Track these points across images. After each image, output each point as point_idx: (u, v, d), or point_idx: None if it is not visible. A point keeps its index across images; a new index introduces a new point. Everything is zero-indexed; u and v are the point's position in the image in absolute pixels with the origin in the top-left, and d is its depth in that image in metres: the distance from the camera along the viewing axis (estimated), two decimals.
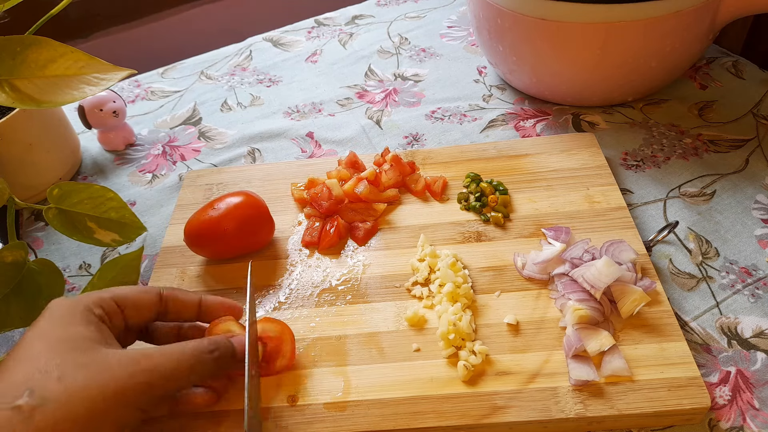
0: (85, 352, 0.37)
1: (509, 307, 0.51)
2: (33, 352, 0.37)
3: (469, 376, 0.46)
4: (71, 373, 0.36)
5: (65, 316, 0.39)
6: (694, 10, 0.60)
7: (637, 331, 0.48)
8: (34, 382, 0.35)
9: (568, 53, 0.65)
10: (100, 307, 0.41)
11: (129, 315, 0.43)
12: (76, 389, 0.35)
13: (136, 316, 0.43)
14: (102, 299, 0.42)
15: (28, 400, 0.34)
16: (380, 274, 0.55)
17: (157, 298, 0.45)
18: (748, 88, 0.73)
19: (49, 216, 0.52)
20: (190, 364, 0.40)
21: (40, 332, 0.38)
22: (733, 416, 0.45)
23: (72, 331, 0.38)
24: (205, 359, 0.41)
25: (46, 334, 0.38)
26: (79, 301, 0.41)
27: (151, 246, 0.64)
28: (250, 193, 0.58)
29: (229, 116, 0.80)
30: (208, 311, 0.47)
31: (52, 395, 0.35)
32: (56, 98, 0.47)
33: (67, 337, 0.38)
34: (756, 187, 0.61)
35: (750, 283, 0.53)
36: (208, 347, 0.42)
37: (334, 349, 0.50)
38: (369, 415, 0.45)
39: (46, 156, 0.68)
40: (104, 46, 1.07)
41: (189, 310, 0.46)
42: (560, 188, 0.60)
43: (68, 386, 0.35)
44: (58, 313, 0.40)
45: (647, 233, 0.58)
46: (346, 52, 0.90)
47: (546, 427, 0.44)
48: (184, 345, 0.41)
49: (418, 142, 0.72)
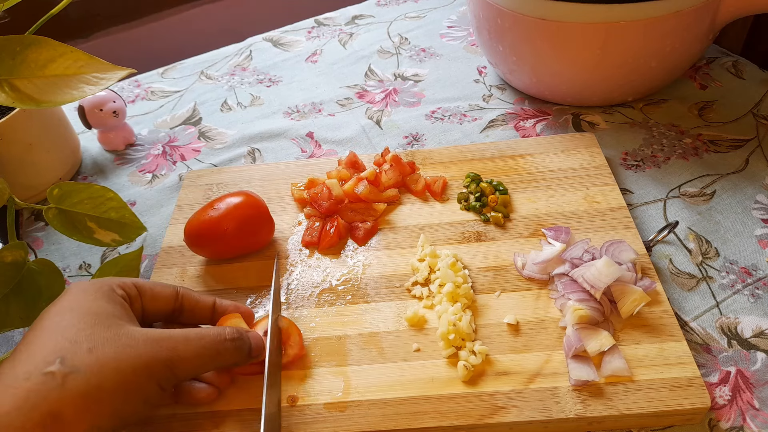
0: (111, 327, 0.38)
1: (509, 307, 0.51)
2: (62, 323, 0.38)
3: (469, 376, 0.46)
4: (101, 346, 0.37)
5: (90, 293, 0.40)
6: (694, 10, 0.60)
7: (637, 331, 0.48)
8: (65, 351, 0.36)
9: (568, 53, 0.65)
10: (122, 288, 0.42)
11: (147, 303, 0.44)
12: (107, 360, 0.36)
13: (153, 307, 0.44)
14: (124, 282, 0.43)
15: (60, 367, 0.35)
16: (380, 274, 0.55)
17: (174, 293, 0.46)
18: (748, 88, 0.73)
19: (49, 216, 0.52)
20: (210, 349, 0.41)
21: (68, 305, 0.39)
22: (733, 416, 0.45)
23: (98, 305, 0.39)
24: (225, 347, 0.42)
25: (73, 307, 0.39)
26: (102, 281, 0.42)
27: (151, 246, 0.64)
28: (250, 193, 0.58)
29: (229, 116, 0.80)
30: (222, 313, 0.48)
31: (83, 364, 0.36)
32: (56, 98, 0.47)
33: (94, 311, 0.39)
34: (756, 187, 0.61)
35: (750, 283, 0.53)
36: (231, 334, 0.43)
37: (334, 349, 0.50)
38: (369, 416, 0.45)
39: (46, 156, 0.68)
40: (104, 46, 1.07)
41: (203, 311, 0.47)
42: (560, 188, 0.60)
43: (99, 357, 0.36)
44: (82, 290, 0.41)
45: (647, 233, 0.58)
46: (346, 52, 0.90)
47: (546, 427, 0.44)
48: (207, 329, 0.42)
49: (418, 142, 0.72)
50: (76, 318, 0.38)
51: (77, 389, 0.35)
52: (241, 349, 0.43)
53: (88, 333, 0.37)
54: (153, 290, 0.45)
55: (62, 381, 0.35)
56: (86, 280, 0.42)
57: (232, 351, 0.42)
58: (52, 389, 0.34)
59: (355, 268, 0.56)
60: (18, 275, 0.50)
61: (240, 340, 0.43)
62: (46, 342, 0.37)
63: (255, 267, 0.57)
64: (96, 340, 0.37)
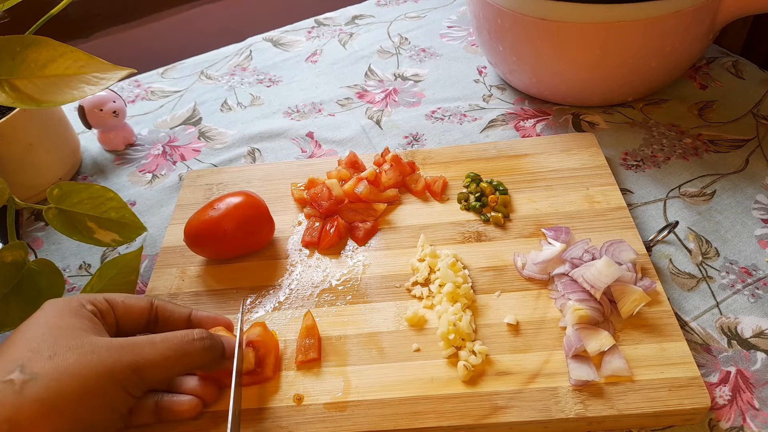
0: (75, 338, 0.39)
1: (509, 307, 0.51)
2: (27, 336, 0.39)
3: (469, 376, 0.46)
4: (62, 353, 0.37)
5: (59, 308, 0.41)
6: (694, 10, 0.60)
7: (637, 331, 0.48)
8: (25, 359, 0.37)
9: (568, 53, 0.65)
10: (92, 304, 0.42)
11: (119, 315, 0.44)
12: (66, 367, 0.37)
13: (127, 320, 0.44)
14: (94, 297, 0.43)
15: (19, 375, 0.36)
16: (380, 274, 0.55)
17: (148, 305, 0.46)
18: (748, 88, 0.73)
19: (49, 216, 0.52)
20: (177, 351, 0.41)
21: (37, 321, 0.40)
22: (733, 416, 0.45)
23: (66, 320, 0.40)
24: (193, 347, 0.42)
25: (41, 322, 0.40)
26: (72, 298, 0.43)
27: (151, 246, 0.64)
28: (250, 193, 0.58)
29: (229, 116, 0.80)
30: (198, 325, 0.48)
31: (42, 371, 0.36)
32: (56, 98, 0.47)
33: (61, 325, 0.39)
34: (756, 187, 0.61)
35: (750, 283, 0.53)
36: (198, 335, 0.42)
37: (334, 349, 0.50)
38: (369, 416, 0.45)
39: (46, 156, 0.68)
40: (104, 46, 1.07)
41: (179, 322, 0.47)
42: (560, 188, 0.60)
43: (59, 364, 0.37)
44: (53, 308, 0.41)
45: (647, 233, 0.58)
46: (346, 52, 0.90)
47: (546, 428, 0.44)
48: (174, 333, 0.42)
49: (418, 142, 0.72)
50: (41, 331, 0.39)
51: (35, 396, 0.35)
52: (212, 349, 0.43)
53: (51, 343, 0.38)
54: (125, 303, 0.44)
55: (20, 388, 0.35)
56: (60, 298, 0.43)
57: (200, 351, 0.42)
58: (9, 396, 0.35)
59: (355, 268, 0.56)
60: (18, 275, 0.50)
61: (209, 340, 0.43)
62: (10, 353, 0.37)
63: (255, 267, 0.57)
64: (58, 349, 0.37)
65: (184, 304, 0.54)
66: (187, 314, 0.48)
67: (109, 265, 0.54)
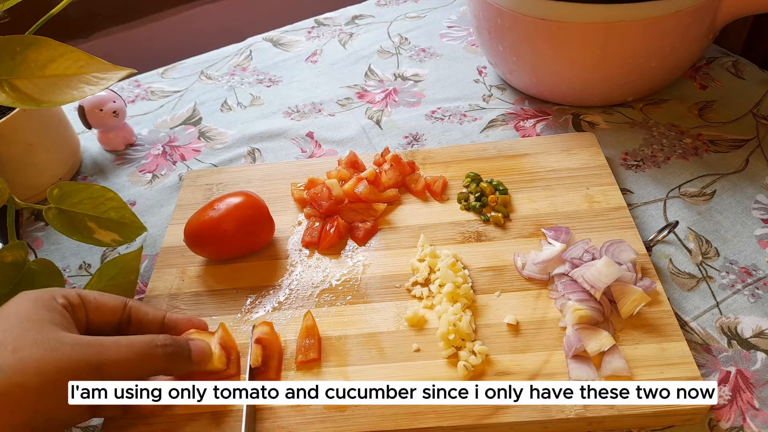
0: (41, 332, 0.39)
1: (509, 307, 0.51)
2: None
3: (469, 376, 0.46)
4: (27, 347, 0.38)
5: (31, 301, 0.41)
6: (694, 10, 0.60)
7: (637, 331, 0.48)
8: None
9: (568, 53, 0.65)
10: (64, 298, 0.43)
11: (91, 312, 0.44)
12: (30, 361, 0.37)
13: (98, 317, 0.44)
14: (67, 292, 0.44)
15: None
16: (380, 274, 0.55)
17: (121, 305, 0.46)
18: (748, 88, 0.73)
19: (49, 216, 0.52)
20: (140, 354, 0.41)
21: (8, 312, 0.40)
22: (733, 416, 0.45)
23: (35, 312, 0.40)
24: (156, 353, 0.42)
25: (11, 313, 0.40)
26: (45, 290, 0.43)
27: (151, 246, 0.64)
28: (250, 193, 0.58)
29: (229, 116, 0.80)
30: (172, 328, 0.48)
31: (5, 364, 0.36)
32: (56, 98, 0.47)
33: (29, 317, 0.40)
34: (756, 187, 0.61)
35: (750, 283, 0.53)
36: (161, 341, 0.43)
37: (334, 349, 0.50)
38: (369, 416, 0.45)
39: (46, 156, 0.68)
40: (104, 46, 1.07)
41: (152, 324, 0.47)
42: (560, 188, 0.60)
43: (23, 357, 0.37)
44: (24, 299, 0.42)
45: (647, 233, 0.58)
46: (346, 52, 0.90)
47: (546, 427, 0.44)
48: (139, 336, 0.42)
49: (418, 142, 0.72)
50: (9, 323, 0.39)
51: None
52: (174, 355, 0.43)
53: (17, 335, 0.38)
54: (98, 300, 0.45)
55: None
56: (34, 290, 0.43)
57: (162, 357, 0.42)
58: None
59: (355, 268, 0.56)
60: (18, 275, 0.50)
61: (173, 346, 0.43)
62: None
63: (255, 267, 0.57)
64: (23, 342, 0.38)
65: (184, 304, 0.55)
66: (162, 316, 0.48)
67: (109, 265, 0.54)
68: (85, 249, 0.65)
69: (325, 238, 0.58)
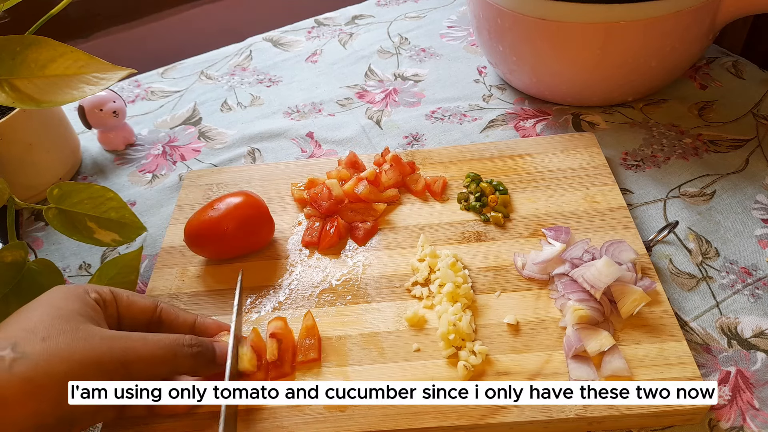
0: (71, 322, 0.39)
1: (509, 307, 0.51)
2: (26, 316, 0.39)
3: (469, 376, 0.46)
4: (56, 336, 0.38)
5: (63, 292, 0.42)
6: (694, 10, 0.60)
7: (637, 331, 0.48)
8: (19, 338, 0.37)
9: (568, 53, 0.65)
10: (96, 292, 0.43)
11: (122, 309, 0.44)
12: (57, 350, 0.37)
13: (129, 314, 0.45)
14: (100, 287, 0.44)
15: (9, 352, 0.36)
16: (380, 274, 0.55)
17: (152, 305, 0.46)
18: (748, 88, 0.73)
19: (49, 216, 0.52)
20: (167, 352, 0.42)
21: (39, 302, 0.41)
22: (733, 416, 0.45)
23: (67, 303, 0.41)
24: (183, 352, 0.42)
25: (43, 303, 0.41)
26: (78, 285, 0.44)
27: (151, 246, 0.64)
28: (250, 193, 0.58)
29: (229, 116, 0.80)
30: (202, 332, 0.48)
31: (33, 351, 0.37)
32: (56, 98, 0.47)
33: (61, 307, 0.40)
34: (756, 187, 0.61)
35: (750, 283, 0.53)
36: (188, 341, 0.43)
37: (334, 349, 0.50)
38: (369, 416, 0.45)
39: (46, 156, 0.68)
40: (104, 46, 1.07)
41: (182, 327, 0.47)
42: (560, 188, 0.60)
43: (50, 346, 0.37)
44: (57, 291, 0.42)
45: (647, 233, 0.58)
46: (346, 52, 0.90)
47: (546, 427, 0.44)
48: (166, 335, 0.43)
49: (418, 142, 0.72)
50: (40, 312, 0.40)
51: (23, 374, 0.36)
52: (201, 355, 0.44)
53: (47, 324, 0.38)
54: (129, 298, 0.45)
55: (9, 365, 0.36)
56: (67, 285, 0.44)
57: (188, 356, 0.43)
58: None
59: (355, 268, 0.56)
60: (18, 275, 0.50)
61: (198, 347, 0.44)
62: (5, 331, 0.38)
63: (255, 267, 0.57)
64: (52, 331, 0.38)
65: (184, 304, 0.55)
66: (192, 320, 0.48)
67: (109, 265, 0.54)
68: (85, 249, 0.65)
69: (325, 238, 0.58)
